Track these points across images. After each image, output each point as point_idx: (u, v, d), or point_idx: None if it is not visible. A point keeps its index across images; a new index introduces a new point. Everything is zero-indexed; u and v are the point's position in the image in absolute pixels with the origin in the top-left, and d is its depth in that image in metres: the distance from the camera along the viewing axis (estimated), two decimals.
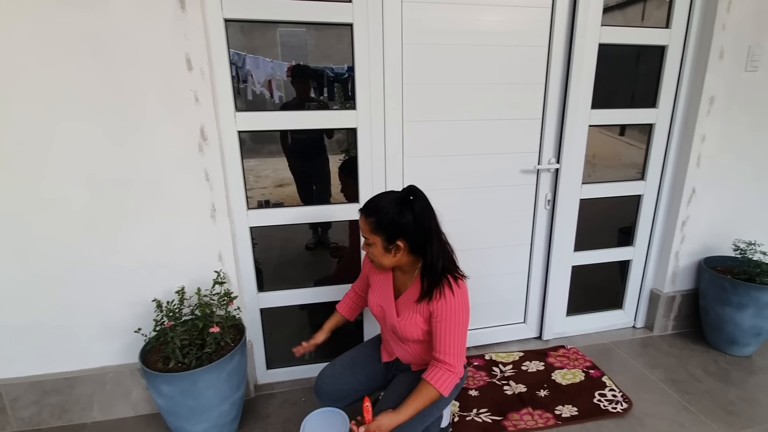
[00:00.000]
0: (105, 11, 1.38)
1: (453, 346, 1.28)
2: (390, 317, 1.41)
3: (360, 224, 1.33)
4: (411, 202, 1.28)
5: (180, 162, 1.56)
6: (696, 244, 2.24)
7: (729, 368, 2.04)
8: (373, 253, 1.33)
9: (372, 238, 1.30)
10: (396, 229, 1.27)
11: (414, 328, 1.34)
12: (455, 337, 1.28)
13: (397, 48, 1.70)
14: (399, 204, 1.28)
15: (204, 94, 1.52)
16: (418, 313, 1.33)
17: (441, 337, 1.28)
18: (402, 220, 1.26)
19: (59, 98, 1.42)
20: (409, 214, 1.27)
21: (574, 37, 1.83)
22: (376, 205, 1.31)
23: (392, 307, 1.41)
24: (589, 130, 2.02)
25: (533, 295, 2.22)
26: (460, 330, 1.28)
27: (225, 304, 1.58)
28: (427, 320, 1.33)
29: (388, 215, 1.27)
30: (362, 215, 1.32)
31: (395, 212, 1.26)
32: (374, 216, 1.28)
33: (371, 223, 1.29)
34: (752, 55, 1.96)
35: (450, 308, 1.27)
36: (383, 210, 1.28)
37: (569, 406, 1.77)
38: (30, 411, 1.68)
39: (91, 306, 1.63)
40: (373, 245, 1.31)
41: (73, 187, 1.51)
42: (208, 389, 1.44)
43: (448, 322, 1.27)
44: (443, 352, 1.28)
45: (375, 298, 1.47)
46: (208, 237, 1.66)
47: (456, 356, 1.28)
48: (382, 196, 1.36)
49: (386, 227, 1.27)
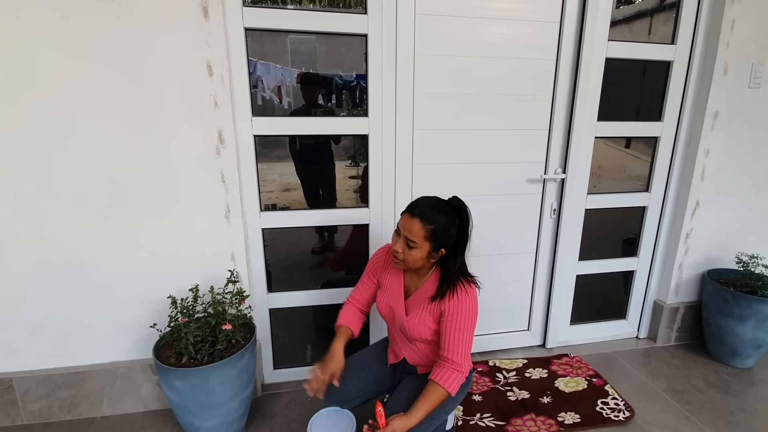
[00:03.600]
0: (132, 17, 1.44)
1: (461, 346, 1.32)
2: (399, 316, 1.44)
3: (409, 227, 1.31)
4: (461, 216, 1.34)
5: (197, 163, 1.61)
6: (699, 257, 2.26)
7: (730, 379, 2.05)
8: (413, 256, 1.32)
9: (422, 244, 1.31)
10: (446, 239, 1.33)
11: (423, 328, 1.38)
12: (463, 337, 1.32)
13: (409, 58, 1.75)
14: (451, 216, 1.33)
15: (223, 99, 1.57)
16: (428, 312, 1.37)
17: (450, 335, 1.32)
18: (453, 231, 1.33)
19: (82, 97, 1.47)
20: (457, 227, 1.34)
21: (582, 51, 1.88)
22: (435, 214, 1.31)
23: (402, 307, 1.44)
24: (595, 141, 2.06)
25: (537, 303, 2.25)
26: (468, 331, 1.33)
27: (237, 303, 1.61)
28: (436, 320, 1.36)
29: (446, 227, 1.31)
30: (418, 220, 1.29)
31: (450, 224, 1.32)
32: (433, 225, 1.30)
33: (429, 231, 1.30)
34: (755, 72, 2.01)
35: (462, 308, 1.32)
36: (442, 221, 1.31)
37: (572, 413, 1.79)
38: (40, 404, 1.71)
39: (104, 302, 1.67)
40: (417, 249, 1.31)
41: (91, 185, 1.55)
42: (219, 385, 1.47)
43: (459, 321, 1.32)
44: (451, 350, 1.32)
45: (384, 299, 1.50)
46: (221, 237, 1.70)
47: (463, 356, 1.32)
48: (438, 204, 1.35)
49: (440, 237, 1.31)
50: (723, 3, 1.90)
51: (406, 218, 1.33)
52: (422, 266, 1.39)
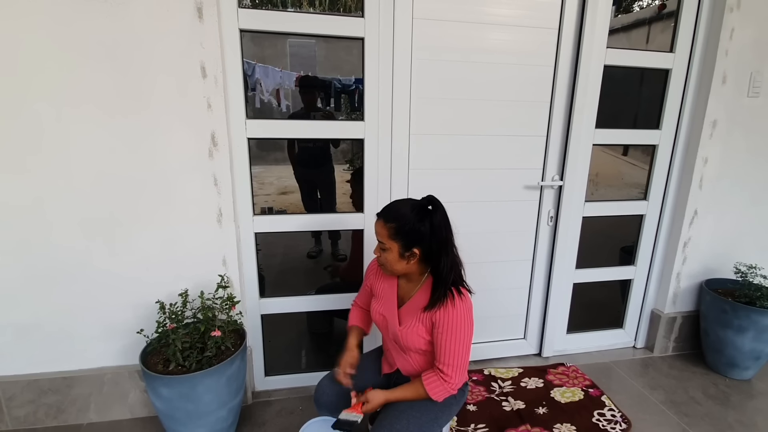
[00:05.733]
0: (124, 17, 1.42)
1: (452, 357, 1.29)
2: (392, 326, 1.41)
3: (377, 229, 1.34)
4: (430, 212, 1.30)
5: (189, 166, 1.59)
6: (697, 266, 2.24)
7: (728, 391, 2.03)
8: (387, 259, 1.33)
9: (389, 244, 1.31)
10: (414, 236, 1.29)
11: (416, 338, 1.35)
12: (455, 349, 1.28)
13: (406, 62, 1.74)
14: (419, 212, 1.30)
15: (216, 101, 1.55)
16: (421, 322, 1.34)
17: (441, 347, 1.29)
18: (421, 228, 1.28)
19: (72, 98, 1.45)
20: (428, 223, 1.29)
21: (580, 58, 1.87)
22: (396, 212, 1.32)
23: (395, 316, 1.41)
24: (592, 148, 2.04)
25: (534, 312, 2.22)
26: (460, 342, 1.29)
27: (227, 309, 1.58)
28: (429, 330, 1.33)
29: (409, 222, 1.28)
30: (381, 220, 1.32)
31: (415, 220, 1.28)
32: (394, 222, 1.29)
33: (390, 229, 1.29)
34: (754, 81, 2.00)
35: (451, 319, 1.28)
36: (404, 217, 1.29)
37: (568, 424, 1.76)
38: (26, 410, 1.68)
39: (91, 306, 1.64)
40: (388, 250, 1.32)
41: (79, 187, 1.52)
42: (207, 393, 1.43)
43: (450, 333, 1.28)
44: (442, 362, 1.30)
45: (378, 307, 1.47)
46: (213, 241, 1.67)
47: (454, 368, 1.29)
48: (402, 202, 1.36)
49: (405, 234, 1.29)
50: (722, 12, 1.90)
51: (376, 221, 1.35)
52: (405, 270, 1.36)
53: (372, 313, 1.51)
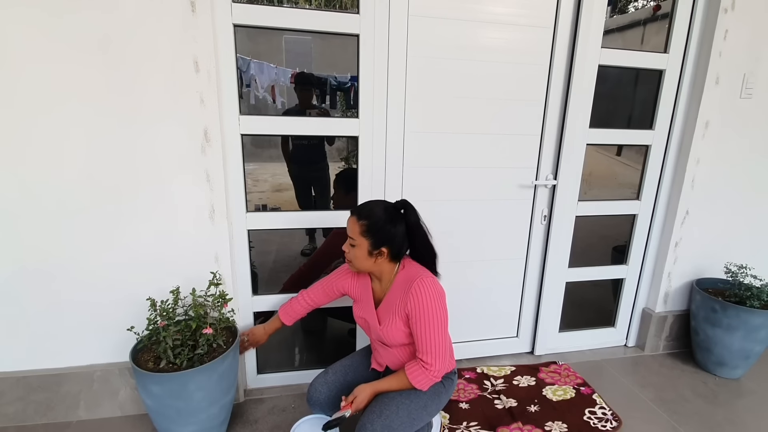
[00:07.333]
0: (115, 10, 1.40)
1: (429, 345, 1.32)
2: (374, 326, 1.45)
3: (348, 225, 1.38)
4: (403, 216, 1.37)
5: (181, 162, 1.57)
6: (688, 265, 2.26)
7: (718, 390, 2.05)
8: (355, 255, 1.38)
9: (359, 240, 1.35)
10: (383, 236, 1.34)
11: (396, 332, 1.39)
12: (430, 336, 1.32)
13: (401, 60, 1.73)
14: (391, 213, 1.36)
15: (209, 96, 1.53)
16: (398, 316, 1.38)
17: (418, 337, 1.34)
18: (392, 229, 1.35)
19: (62, 91, 1.43)
20: (401, 225, 1.36)
21: (575, 57, 1.87)
22: (370, 210, 1.37)
23: (374, 317, 1.45)
24: (586, 148, 2.05)
25: (527, 310, 2.23)
26: (434, 329, 1.32)
27: (219, 306, 1.57)
28: (406, 322, 1.37)
29: (380, 222, 1.34)
30: (354, 217, 1.37)
31: (387, 220, 1.34)
32: (366, 220, 1.34)
33: (362, 226, 1.34)
34: (747, 82, 2.02)
35: (423, 305, 1.31)
36: (376, 216, 1.35)
37: (559, 422, 1.77)
38: (15, 407, 1.65)
39: (81, 302, 1.62)
40: (357, 247, 1.36)
41: (68, 181, 1.50)
42: (198, 391, 1.42)
43: (422, 321, 1.32)
44: (421, 351, 1.34)
45: (358, 311, 1.52)
46: (205, 238, 1.66)
47: (433, 355, 1.32)
48: (376, 203, 1.41)
49: (375, 233, 1.34)
50: (716, 13, 1.91)
51: (349, 217, 1.39)
52: (370, 268, 1.40)
53: (355, 318, 1.55)
